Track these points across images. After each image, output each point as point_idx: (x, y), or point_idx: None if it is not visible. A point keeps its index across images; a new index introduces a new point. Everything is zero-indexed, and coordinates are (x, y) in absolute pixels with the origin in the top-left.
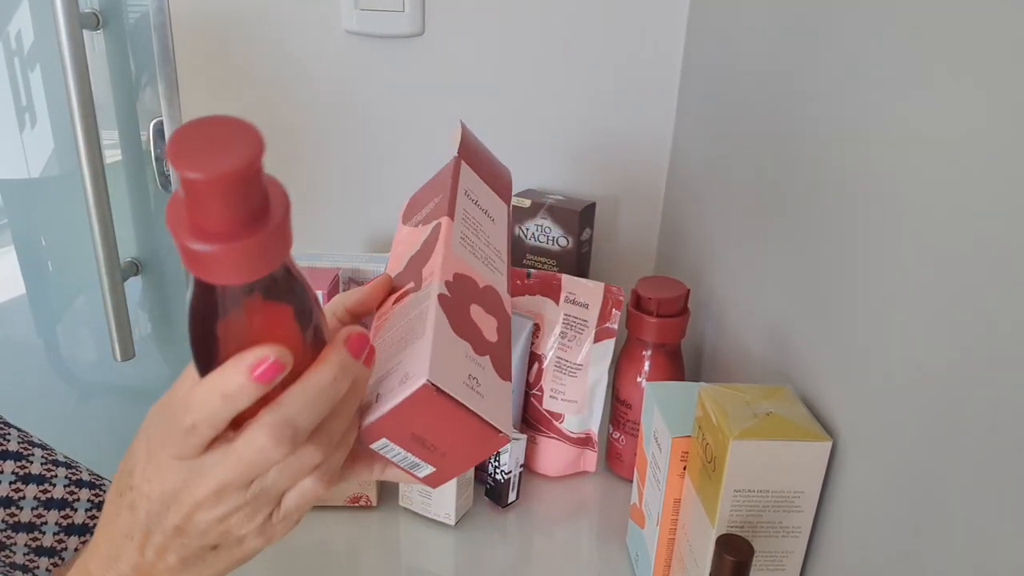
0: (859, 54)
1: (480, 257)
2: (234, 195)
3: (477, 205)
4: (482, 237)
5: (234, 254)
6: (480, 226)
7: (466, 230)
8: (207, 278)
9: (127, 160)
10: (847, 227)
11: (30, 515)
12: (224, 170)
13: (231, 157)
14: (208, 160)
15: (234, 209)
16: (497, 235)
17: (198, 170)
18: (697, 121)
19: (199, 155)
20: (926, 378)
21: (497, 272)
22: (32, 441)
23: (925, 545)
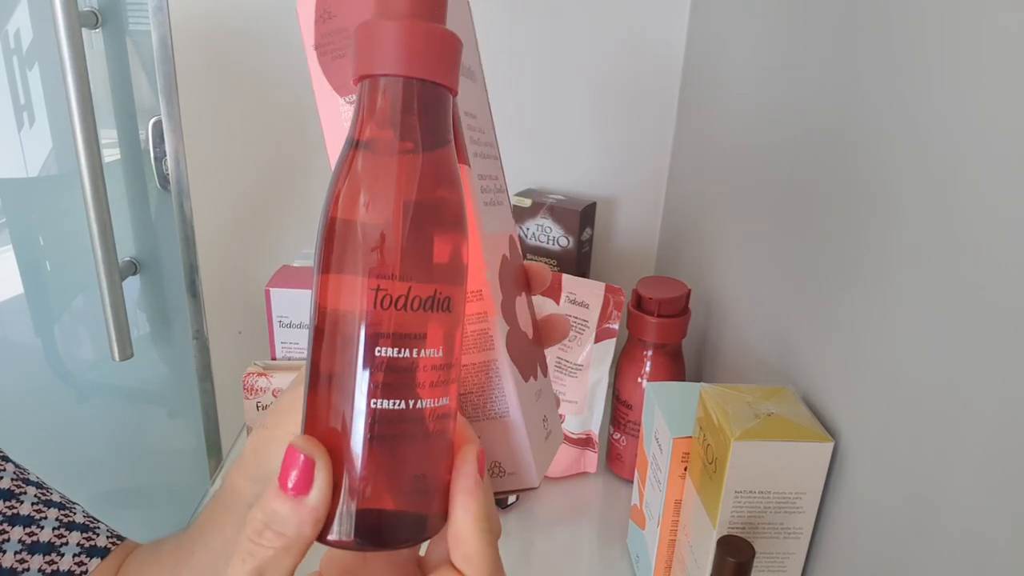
0: (859, 54)
1: (495, 199)
2: None
3: (465, 75)
4: (484, 146)
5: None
6: (479, 127)
7: (480, 167)
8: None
9: (126, 159)
10: (848, 227)
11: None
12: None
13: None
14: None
15: None
16: (483, 104)
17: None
18: (698, 121)
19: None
20: (927, 378)
21: (503, 195)
22: (27, 479)
23: (926, 546)
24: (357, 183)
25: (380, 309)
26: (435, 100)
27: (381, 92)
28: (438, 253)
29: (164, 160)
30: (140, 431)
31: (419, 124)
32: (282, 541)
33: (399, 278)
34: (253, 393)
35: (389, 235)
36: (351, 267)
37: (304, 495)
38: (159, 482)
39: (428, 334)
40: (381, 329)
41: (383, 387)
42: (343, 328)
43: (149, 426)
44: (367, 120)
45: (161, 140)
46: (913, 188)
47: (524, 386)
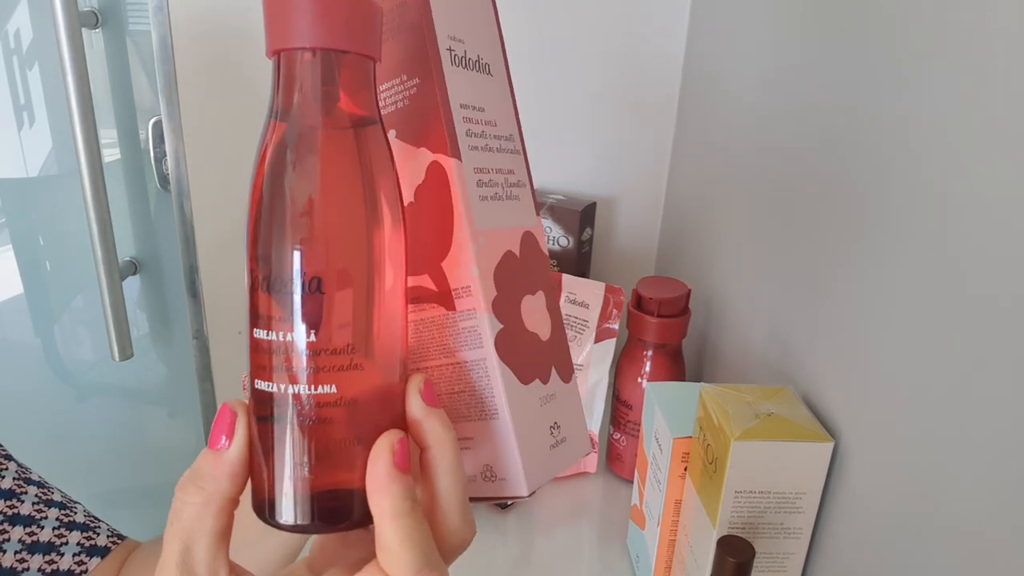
0: (859, 55)
1: (504, 193)
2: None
3: (472, 68)
4: (492, 139)
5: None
6: (487, 119)
7: (479, 159)
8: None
9: (126, 159)
10: (848, 227)
11: (12, 559)
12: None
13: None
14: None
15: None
16: (501, 98)
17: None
18: (698, 121)
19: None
20: (927, 378)
21: (522, 189)
22: (29, 478)
23: (927, 546)
24: (264, 162)
25: (253, 289)
26: (354, 71)
27: (295, 66)
28: (304, 231)
29: (164, 160)
30: (140, 431)
31: (337, 98)
32: (202, 496)
33: (260, 258)
34: None
35: (254, 215)
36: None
37: (225, 449)
38: (159, 482)
39: (284, 318)
40: (253, 309)
41: (256, 367)
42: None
43: (149, 426)
44: (285, 94)
45: (161, 140)
46: (913, 188)
47: (520, 388)
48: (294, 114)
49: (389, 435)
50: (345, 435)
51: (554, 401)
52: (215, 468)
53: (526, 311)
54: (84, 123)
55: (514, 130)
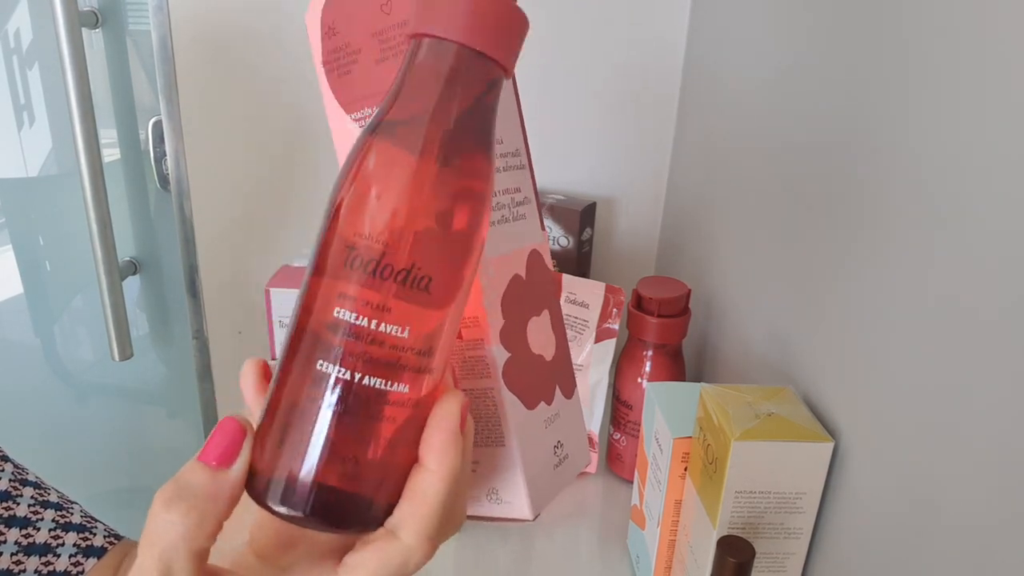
0: (860, 55)
1: (511, 215)
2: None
3: None
4: (498, 159)
5: None
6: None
7: None
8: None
9: (125, 159)
10: (849, 227)
11: (8, 561)
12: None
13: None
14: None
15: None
16: (507, 112)
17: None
18: (698, 121)
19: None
20: (928, 378)
21: (527, 206)
22: (25, 479)
23: (926, 546)
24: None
25: (348, 268)
26: (485, 79)
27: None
28: (430, 233)
29: (164, 160)
30: (140, 431)
31: (457, 107)
32: (194, 516)
33: (375, 241)
34: None
35: (382, 207)
36: (341, 230)
37: (225, 467)
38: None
39: (392, 308)
40: (343, 289)
41: (330, 349)
42: (316, 282)
43: (149, 426)
44: (397, 99)
45: (161, 140)
46: (914, 188)
47: (526, 415)
48: (450, 111)
49: (456, 395)
50: (396, 435)
51: (557, 420)
52: (214, 488)
53: (532, 334)
54: (84, 123)
55: (520, 143)
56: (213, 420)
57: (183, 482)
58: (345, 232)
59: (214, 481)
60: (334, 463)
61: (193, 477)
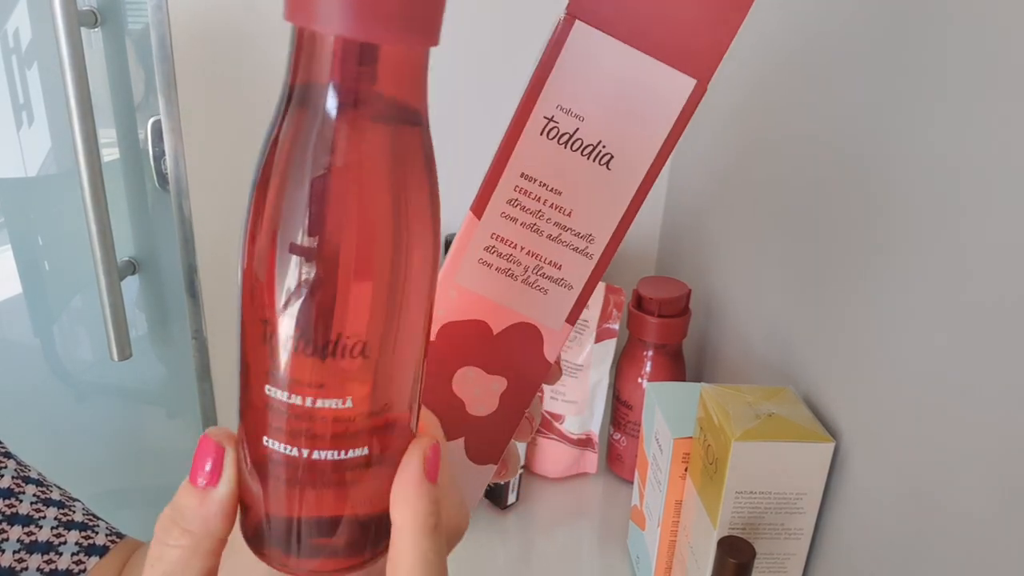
0: (862, 53)
1: (523, 276)
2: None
3: (578, 150)
4: (550, 225)
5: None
6: (558, 204)
7: (508, 230)
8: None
9: (124, 159)
10: (850, 227)
11: (11, 559)
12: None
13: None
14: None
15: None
16: (605, 198)
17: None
18: (699, 121)
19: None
20: (928, 379)
21: (560, 288)
22: (28, 476)
23: (927, 546)
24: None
25: (267, 344)
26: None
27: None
28: (350, 287)
29: (163, 159)
30: (139, 431)
31: (366, 95)
32: (188, 539)
33: (280, 310)
34: None
35: (292, 256)
36: (252, 276)
37: (212, 487)
38: (158, 482)
39: (326, 382)
40: (266, 366)
41: (270, 428)
42: (243, 345)
43: (148, 426)
44: (303, 75)
45: (160, 139)
46: (914, 188)
47: None
48: (319, 108)
49: (420, 442)
50: (367, 491)
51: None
52: (202, 508)
53: (462, 376)
54: (83, 122)
55: (601, 234)
56: (212, 420)
57: (178, 506)
58: (256, 303)
59: (203, 502)
60: (308, 527)
61: (184, 500)
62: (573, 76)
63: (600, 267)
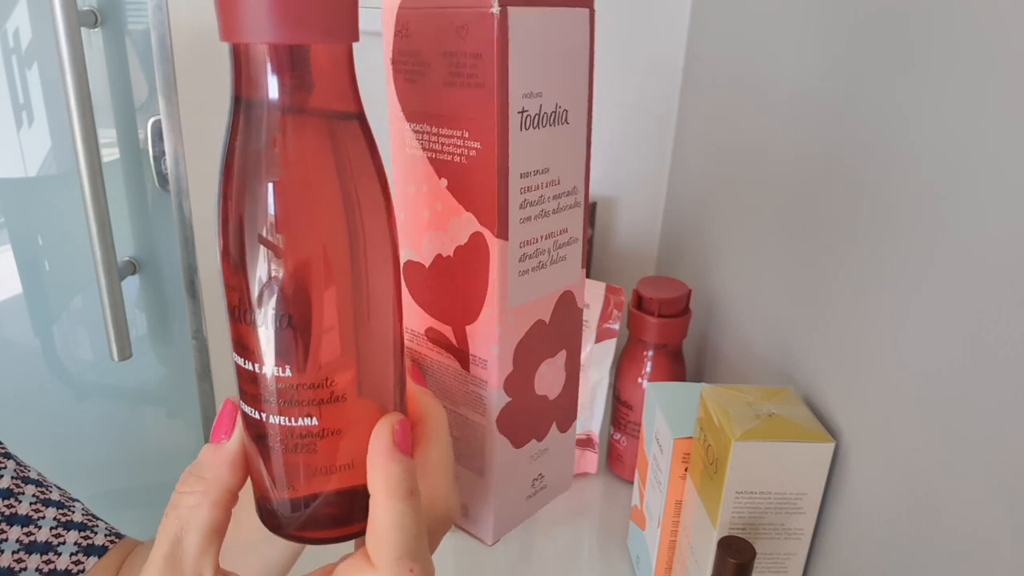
0: (862, 55)
1: (549, 259)
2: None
3: (546, 124)
4: (550, 201)
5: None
6: (550, 180)
7: (528, 231)
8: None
9: (124, 159)
10: (849, 227)
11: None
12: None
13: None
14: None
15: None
16: (573, 148)
17: None
18: (699, 121)
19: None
20: (929, 379)
21: (572, 247)
22: (27, 477)
23: (927, 546)
24: (231, 162)
25: (230, 313)
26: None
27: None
28: (276, 252)
29: (163, 160)
30: (139, 431)
31: (301, 93)
32: (201, 485)
33: (233, 286)
34: None
35: (244, 235)
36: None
37: (225, 439)
38: (158, 482)
39: (261, 351)
40: (232, 335)
41: (241, 391)
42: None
43: (148, 426)
44: (245, 83)
45: (160, 139)
46: (915, 189)
47: (512, 453)
48: (255, 108)
49: (389, 417)
50: (331, 462)
51: (545, 455)
52: (215, 457)
53: (540, 376)
54: (83, 122)
55: (579, 181)
56: (212, 420)
57: (197, 461)
58: (224, 272)
59: (215, 453)
60: (287, 491)
61: (203, 454)
62: (524, 63)
63: (586, 204)
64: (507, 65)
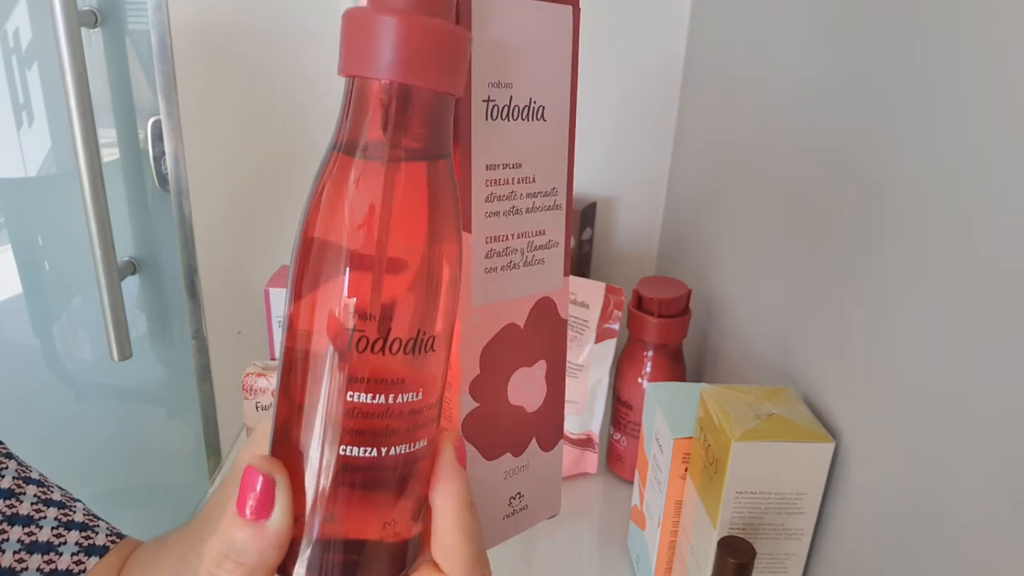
0: (863, 55)
1: (523, 260)
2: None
3: (518, 117)
4: (523, 199)
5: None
6: (522, 176)
7: (496, 227)
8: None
9: (124, 159)
10: (850, 227)
11: (11, 559)
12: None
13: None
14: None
15: None
16: (551, 147)
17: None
18: (699, 121)
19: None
20: (928, 379)
21: (551, 250)
22: (29, 477)
23: (927, 546)
24: (339, 199)
25: (356, 352)
26: (430, 107)
27: (368, 94)
28: (424, 288)
29: (163, 160)
30: (139, 431)
31: (409, 133)
32: (242, 572)
33: (378, 319)
34: (252, 394)
35: (370, 268)
36: (326, 298)
37: (264, 519)
38: (158, 483)
39: (407, 379)
40: (355, 373)
41: (353, 434)
42: (316, 365)
43: (148, 426)
44: (354, 123)
45: (160, 140)
46: (914, 188)
47: (482, 465)
48: (392, 148)
49: (449, 434)
50: (416, 486)
51: (523, 472)
52: (258, 541)
53: (514, 385)
54: (83, 123)
55: (560, 182)
56: (212, 420)
57: (228, 539)
58: (342, 310)
59: (256, 535)
60: (372, 529)
61: (236, 533)
62: (490, 48)
63: (569, 210)
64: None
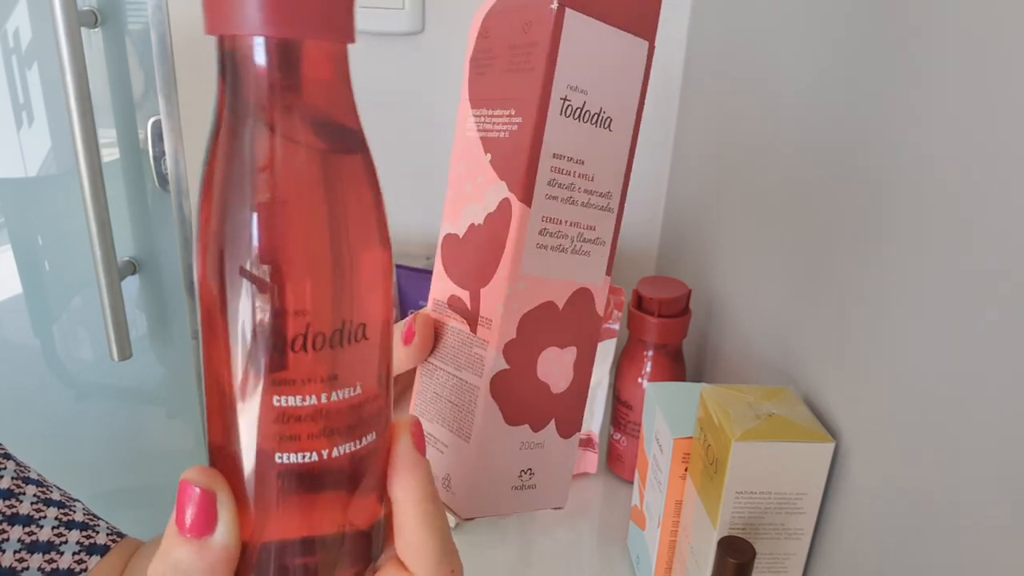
0: (864, 55)
1: (571, 247)
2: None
3: (588, 121)
4: (581, 193)
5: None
6: (583, 173)
7: (553, 209)
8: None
9: (124, 159)
10: (850, 227)
11: (11, 559)
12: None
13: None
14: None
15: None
16: (612, 156)
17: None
18: (699, 121)
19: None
20: (929, 379)
21: (597, 247)
22: (28, 477)
23: (928, 547)
24: (224, 177)
25: (275, 352)
26: (320, 65)
27: (242, 57)
28: (344, 269)
29: (163, 160)
30: (139, 431)
31: (299, 102)
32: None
33: (291, 315)
34: None
35: (276, 263)
36: (234, 301)
37: (208, 535)
38: (158, 482)
39: (339, 374)
40: (278, 376)
41: (288, 440)
42: (237, 370)
43: (148, 426)
44: (230, 96)
45: (160, 140)
46: (915, 188)
47: (502, 428)
48: (247, 124)
49: (404, 421)
50: (372, 481)
51: (538, 450)
52: (203, 559)
53: (544, 361)
54: (83, 122)
55: (615, 188)
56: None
57: (171, 559)
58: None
59: (200, 553)
60: (328, 528)
61: (177, 552)
62: (573, 57)
63: (619, 218)
64: (556, 53)
